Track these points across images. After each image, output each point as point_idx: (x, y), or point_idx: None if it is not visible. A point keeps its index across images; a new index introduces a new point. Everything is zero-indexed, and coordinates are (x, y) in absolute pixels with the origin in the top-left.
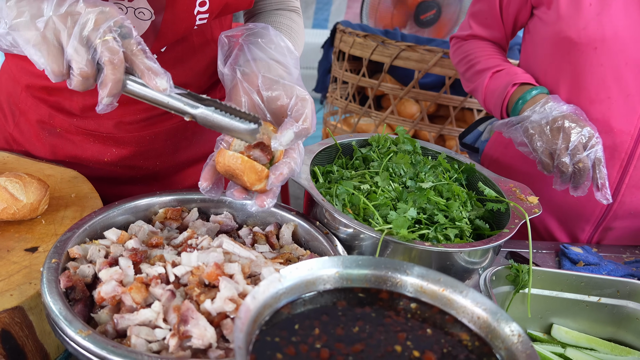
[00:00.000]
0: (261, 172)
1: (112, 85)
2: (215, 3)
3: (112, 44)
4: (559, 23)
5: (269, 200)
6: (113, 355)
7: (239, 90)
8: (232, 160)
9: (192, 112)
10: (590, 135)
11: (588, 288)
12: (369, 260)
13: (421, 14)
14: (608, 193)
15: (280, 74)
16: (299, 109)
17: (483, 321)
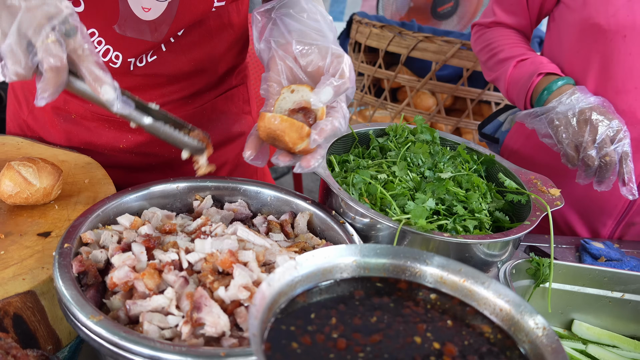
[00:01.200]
0: (302, 129)
1: (53, 91)
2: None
3: (53, 50)
4: (587, 9)
5: (314, 160)
6: (125, 341)
7: (275, 59)
8: (272, 121)
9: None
10: (619, 129)
11: (611, 283)
12: (387, 249)
13: (438, 6)
14: (634, 188)
15: (315, 37)
16: (335, 66)
17: (506, 313)
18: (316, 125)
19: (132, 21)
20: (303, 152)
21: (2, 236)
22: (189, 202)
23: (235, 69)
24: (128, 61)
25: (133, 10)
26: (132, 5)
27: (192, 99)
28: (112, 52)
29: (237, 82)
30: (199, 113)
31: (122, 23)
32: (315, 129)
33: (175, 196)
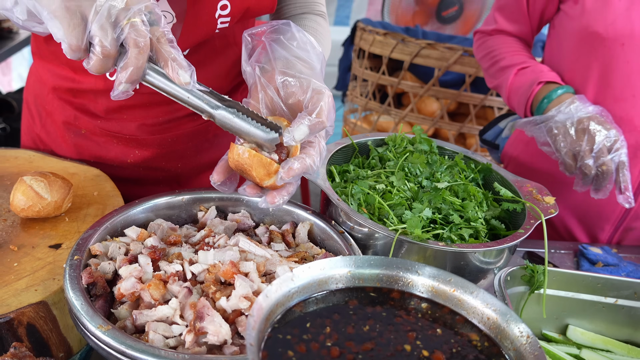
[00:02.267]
0: (269, 165)
1: (133, 70)
2: (237, 7)
3: (140, 26)
4: (585, 17)
5: (279, 197)
6: (132, 350)
7: (257, 87)
8: (240, 155)
9: (212, 112)
10: (616, 138)
11: (605, 289)
12: (380, 260)
13: (443, 11)
14: (631, 197)
15: (300, 69)
16: (314, 103)
17: (493, 322)
18: (285, 163)
19: None
20: (270, 187)
21: (16, 248)
22: (193, 213)
23: (240, 85)
24: None
25: None
26: None
27: (197, 115)
28: None
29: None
30: (203, 129)
31: None
32: (284, 167)
33: (180, 207)
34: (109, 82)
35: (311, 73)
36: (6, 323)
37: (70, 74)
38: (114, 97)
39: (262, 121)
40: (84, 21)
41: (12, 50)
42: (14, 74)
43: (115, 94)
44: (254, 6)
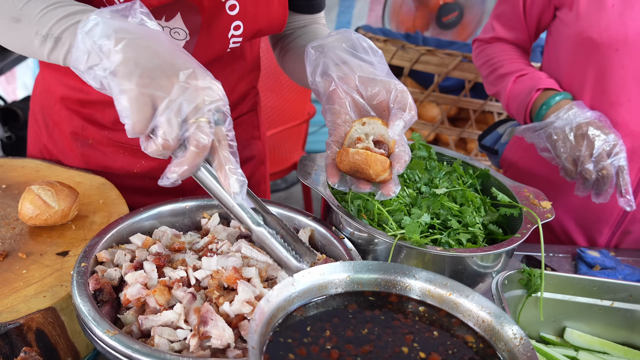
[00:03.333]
0: (385, 162)
1: (187, 169)
2: (250, 28)
3: (205, 128)
4: (580, 24)
5: (395, 187)
6: (138, 354)
7: (339, 92)
8: (356, 156)
9: (252, 227)
10: (615, 143)
11: (601, 292)
12: (379, 265)
13: (443, 16)
14: (632, 200)
15: (373, 71)
16: (401, 100)
17: (487, 324)
18: (396, 157)
19: None
20: (382, 181)
21: (24, 256)
22: (197, 220)
23: (247, 96)
24: None
25: None
26: None
27: None
28: None
29: (248, 109)
30: None
31: None
32: (398, 162)
33: (184, 215)
34: None
35: (384, 74)
36: (16, 329)
37: (78, 84)
38: (161, 183)
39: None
40: (154, 109)
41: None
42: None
43: (163, 182)
44: (265, 27)
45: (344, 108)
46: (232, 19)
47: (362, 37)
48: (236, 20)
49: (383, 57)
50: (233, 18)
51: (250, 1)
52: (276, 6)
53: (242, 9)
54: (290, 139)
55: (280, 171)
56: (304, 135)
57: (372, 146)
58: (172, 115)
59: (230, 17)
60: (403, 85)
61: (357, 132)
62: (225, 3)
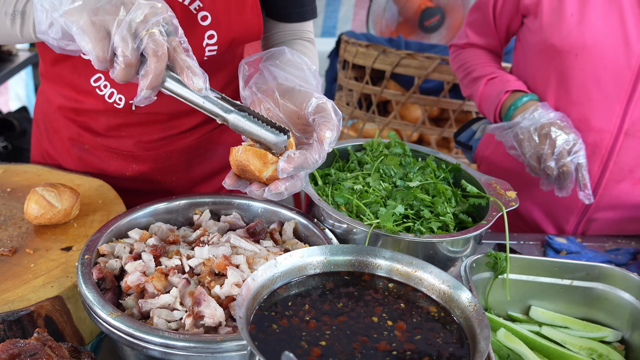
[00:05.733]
0: (264, 156)
1: (153, 77)
2: (223, 36)
3: (158, 37)
4: (544, 32)
5: (281, 184)
6: (140, 332)
7: (255, 102)
8: (237, 153)
9: (225, 116)
10: (575, 142)
11: (561, 272)
12: (352, 248)
13: (425, 20)
14: (590, 194)
15: (298, 83)
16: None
17: (447, 295)
18: (285, 154)
19: None
20: (271, 180)
21: (31, 251)
22: (189, 217)
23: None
24: (130, 103)
25: None
26: None
27: (190, 133)
28: (116, 95)
29: None
30: (195, 145)
31: None
32: (284, 157)
33: (177, 212)
34: (107, 103)
35: (308, 86)
36: (27, 315)
37: (73, 95)
38: (137, 102)
39: (272, 124)
40: (108, 34)
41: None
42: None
43: (138, 99)
44: (240, 35)
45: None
46: (205, 28)
47: (297, 53)
48: (209, 30)
49: (316, 73)
50: (206, 28)
51: (222, 11)
52: (249, 14)
53: (214, 18)
54: None
55: None
56: None
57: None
58: (125, 31)
59: (203, 27)
60: (324, 98)
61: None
62: (197, 14)
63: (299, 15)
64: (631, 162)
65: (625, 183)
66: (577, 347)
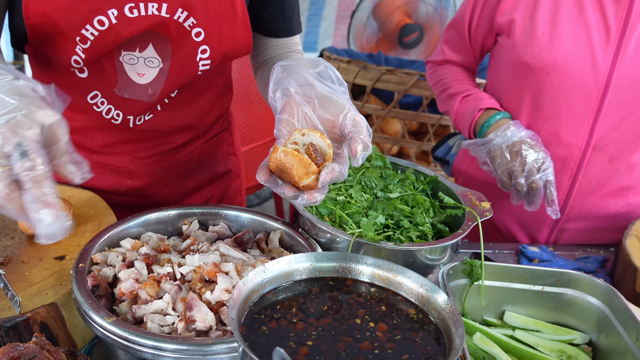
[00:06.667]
0: (309, 165)
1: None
2: (216, 51)
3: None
4: (516, 50)
5: (318, 194)
6: (134, 336)
7: (292, 104)
8: (282, 155)
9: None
10: (544, 160)
11: (533, 279)
12: (336, 255)
13: (404, 37)
14: (557, 209)
15: (332, 93)
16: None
17: (425, 298)
18: (327, 166)
19: (130, 85)
20: (307, 188)
21: (26, 260)
22: (179, 227)
23: (220, 118)
24: (127, 118)
25: (130, 76)
26: (128, 71)
27: (183, 148)
28: (114, 111)
29: (222, 129)
30: (188, 159)
31: (121, 86)
32: (327, 169)
33: (167, 222)
34: (104, 119)
35: (344, 99)
36: (24, 321)
37: (68, 113)
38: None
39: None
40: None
41: None
42: None
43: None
44: (231, 50)
45: (292, 118)
46: (198, 44)
47: (331, 66)
48: (203, 45)
49: (347, 88)
50: (199, 43)
51: (214, 26)
52: (239, 30)
53: (207, 34)
54: (263, 155)
55: (254, 186)
56: None
57: (301, 151)
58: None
59: (197, 43)
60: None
61: (297, 139)
62: (191, 31)
63: (287, 31)
64: (599, 175)
65: (594, 195)
66: (548, 349)
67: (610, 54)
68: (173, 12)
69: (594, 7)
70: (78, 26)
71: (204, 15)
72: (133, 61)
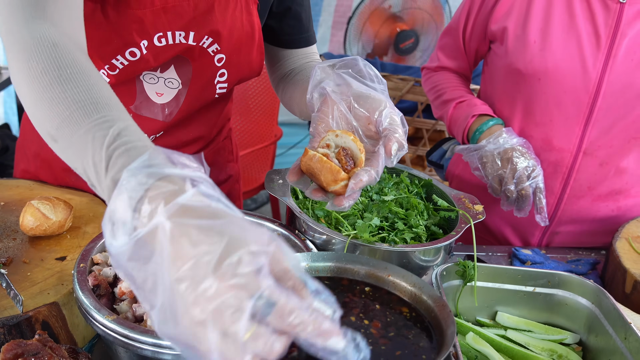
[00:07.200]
0: (337, 173)
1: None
2: (233, 75)
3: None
4: (509, 57)
5: (345, 202)
6: (134, 333)
7: (328, 102)
8: (311, 159)
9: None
10: (534, 168)
11: (524, 280)
12: (332, 255)
13: (400, 43)
14: (545, 217)
15: (368, 89)
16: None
17: (418, 297)
18: (356, 175)
19: (147, 103)
20: (335, 192)
21: (27, 261)
22: None
23: (223, 128)
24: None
25: (148, 94)
26: (147, 90)
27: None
28: None
29: (223, 137)
30: None
31: (138, 104)
32: (355, 179)
33: None
34: None
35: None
36: (26, 320)
37: None
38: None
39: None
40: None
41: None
42: None
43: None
44: (246, 74)
45: (327, 116)
46: (218, 68)
47: (369, 64)
48: (222, 69)
49: (386, 86)
50: (219, 67)
51: (234, 53)
52: (255, 54)
53: (227, 59)
54: (259, 160)
55: (251, 190)
56: (272, 156)
57: (332, 155)
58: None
59: (217, 67)
60: (397, 110)
61: (329, 141)
62: (214, 56)
63: (305, 41)
64: (589, 179)
65: (585, 199)
66: (539, 349)
67: (600, 61)
68: (199, 39)
69: (585, 16)
70: (109, 57)
71: (227, 41)
72: (153, 81)
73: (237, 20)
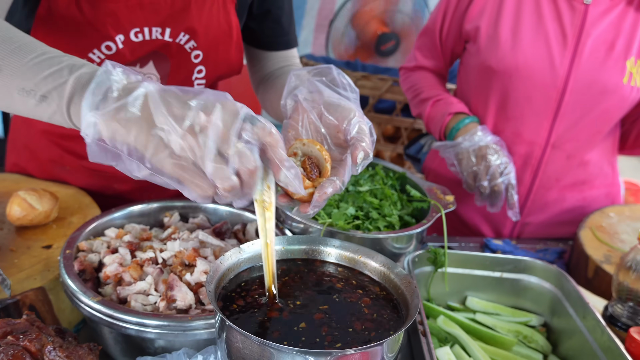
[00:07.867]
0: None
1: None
2: (211, 72)
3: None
4: (482, 55)
5: (310, 209)
6: (119, 313)
7: (299, 110)
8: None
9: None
10: (506, 165)
11: (492, 265)
12: (305, 238)
13: (381, 45)
14: (517, 212)
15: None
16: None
17: (387, 276)
18: (321, 186)
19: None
20: (300, 200)
21: (14, 249)
22: (160, 219)
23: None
24: None
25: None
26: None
27: None
28: None
29: None
30: None
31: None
32: (319, 191)
33: (150, 214)
34: None
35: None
36: (14, 303)
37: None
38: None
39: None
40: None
41: None
42: None
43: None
44: (225, 72)
45: (297, 124)
46: (195, 65)
47: (342, 73)
48: (199, 66)
49: (358, 95)
50: (197, 64)
51: (211, 50)
52: (234, 52)
53: (205, 56)
54: None
55: None
56: None
57: (297, 164)
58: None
59: (195, 64)
60: (366, 119)
61: (297, 149)
62: (191, 53)
63: (285, 43)
64: (557, 171)
65: (553, 190)
66: (505, 330)
67: (567, 58)
68: (176, 36)
69: (552, 16)
70: (86, 51)
71: (204, 38)
72: None
73: (213, 18)
